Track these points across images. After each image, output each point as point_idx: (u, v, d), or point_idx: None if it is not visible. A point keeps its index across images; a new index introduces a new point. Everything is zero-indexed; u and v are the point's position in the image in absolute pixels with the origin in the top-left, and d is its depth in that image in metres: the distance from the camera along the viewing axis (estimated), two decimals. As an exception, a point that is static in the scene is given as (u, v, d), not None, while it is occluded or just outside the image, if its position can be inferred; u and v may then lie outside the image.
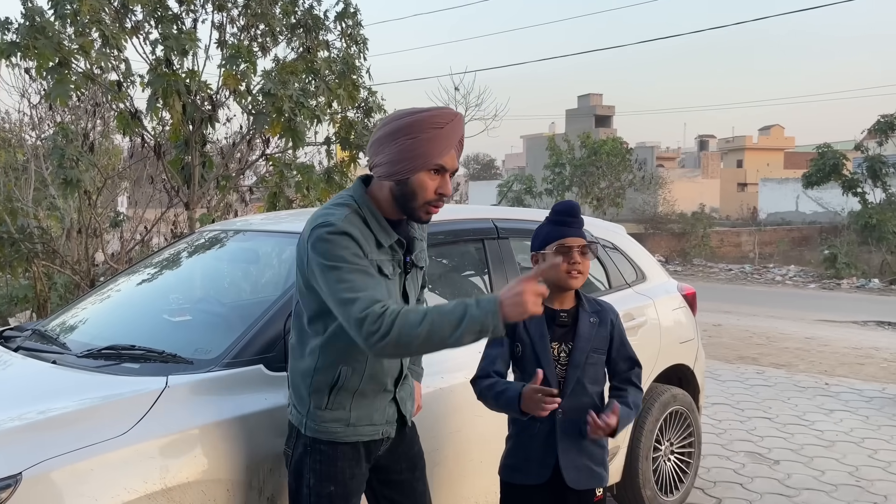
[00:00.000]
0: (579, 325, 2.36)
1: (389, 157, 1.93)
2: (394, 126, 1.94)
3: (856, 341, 9.28)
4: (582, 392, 2.34)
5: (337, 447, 1.99)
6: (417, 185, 1.93)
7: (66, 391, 2.12)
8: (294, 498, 2.04)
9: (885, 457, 4.76)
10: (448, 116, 1.94)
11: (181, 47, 5.40)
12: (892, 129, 17.51)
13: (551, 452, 2.31)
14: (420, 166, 1.91)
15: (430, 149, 1.90)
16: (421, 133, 1.90)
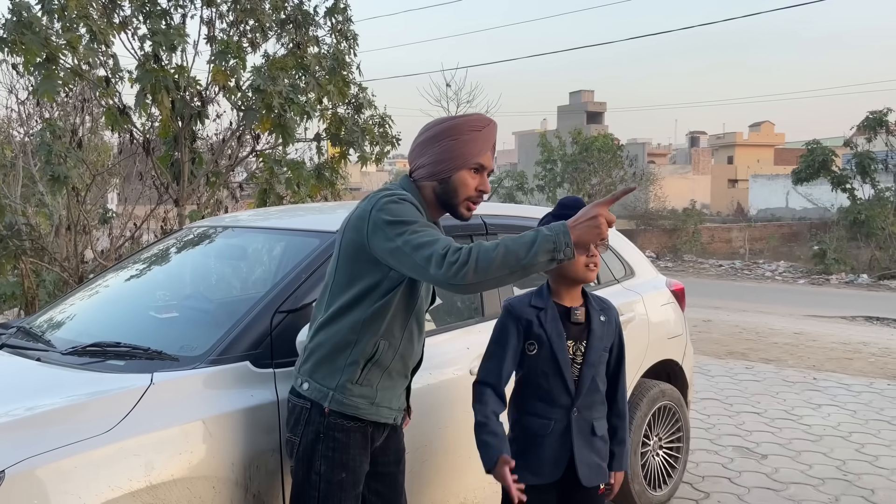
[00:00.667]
0: (592, 323, 2.35)
1: (433, 157, 2.09)
2: (436, 129, 2.11)
3: (844, 336, 9.34)
4: (595, 390, 2.35)
5: (350, 435, 2.05)
6: (459, 182, 2.09)
7: (50, 388, 2.11)
8: (301, 484, 2.05)
9: (873, 451, 4.79)
10: (485, 120, 2.14)
11: (170, 43, 5.37)
12: (881, 126, 17.60)
13: (566, 451, 2.32)
14: (461, 165, 2.08)
15: (471, 149, 2.08)
16: (462, 135, 2.08)
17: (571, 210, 2.33)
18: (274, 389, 2.23)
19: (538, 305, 2.32)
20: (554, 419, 2.31)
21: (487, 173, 2.14)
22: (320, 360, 2.06)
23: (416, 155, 2.13)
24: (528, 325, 2.30)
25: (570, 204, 2.34)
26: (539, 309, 2.31)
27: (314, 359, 2.07)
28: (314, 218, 3.16)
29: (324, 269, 2.48)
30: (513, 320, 2.32)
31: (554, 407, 2.32)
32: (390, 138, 6.80)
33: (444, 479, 2.70)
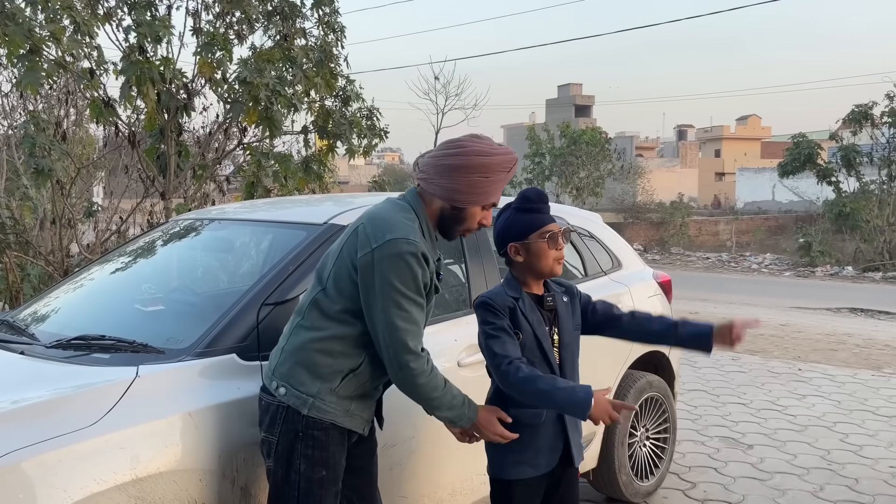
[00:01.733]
0: (558, 307, 2.37)
1: (457, 185, 2.10)
2: (471, 161, 2.09)
3: (829, 328, 9.43)
4: (573, 370, 2.37)
5: (329, 433, 2.05)
6: (469, 215, 2.16)
7: (33, 382, 2.09)
8: (279, 484, 2.04)
9: (857, 440, 4.84)
10: (513, 161, 2.18)
11: (155, 34, 5.32)
12: (866, 119, 17.72)
13: (560, 438, 2.33)
14: (480, 202, 2.14)
15: (494, 189, 2.14)
16: (493, 174, 2.11)
17: (541, 203, 2.33)
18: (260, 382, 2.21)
19: (514, 295, 2.32)
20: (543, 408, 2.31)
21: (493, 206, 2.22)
22: (299, 364, 2.04)
23: (437, 172, 2.11)
24: (513, 314, 2.29)
25: (532, 197, 2.33)
26: (516, 298, 2.32)
27: (291, 362, 2.05)
28: (301, 210, 3.14)
29: (311, 262, 2.48)
30: (498, 311, 2.29)
31: None
32: (378, 131, 6.78)
33: (433, 471, 2.71)
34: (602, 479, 3.68)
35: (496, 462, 2.36)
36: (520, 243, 2.31)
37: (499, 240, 2.38)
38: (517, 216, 2.33)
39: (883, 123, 17.79)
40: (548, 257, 2.29)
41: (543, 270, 2.32)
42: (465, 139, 2.15)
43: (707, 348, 2.33)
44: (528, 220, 2.31)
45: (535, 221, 2.30)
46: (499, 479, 2.36)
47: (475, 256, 3.12)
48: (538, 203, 2.33)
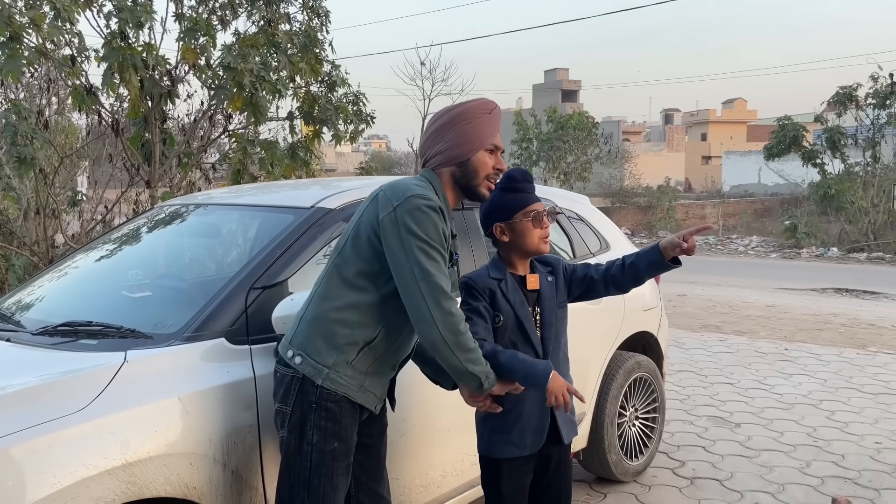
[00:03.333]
0: (541, 286, 2.38)
1: (450, 143, 2.14)
2: (449, 116, 2.17)
3: (814, 308, 9.51)
4: (558, 348, 2.38)
5: (342, 406, 2.06)
6: (478, 163, 2.15)
7: (20, 368, 2.08)
8: (291, 455, 2.06)
9: (842, 417, 4.90)
10: (492, 103, 2.22)
11: (136, 20, 5.25)
12: (851, 101, 17.80)
13: (546, 416, 2.34)
14: (479, 146, 2.15)
15: (485, 130, 2.16)
16: (475, 118, 2.15)
17: (525, 183, 2.35)
18: (250, 365, 2.21)
19: (497, 277, 2.34)
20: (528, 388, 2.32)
21: (501, 152, 2.22)
22: (317, 333, 2.06)
23: (430, 144, 2.18)
24: (493, 296, 2.30)
25: (517, 177, 2.36)
26: (499, 280, 2.34)
27: (309, 331, 2.07)
28: (288, 194, 3.13)
29: (299, 246, 2.47)
30: (477, 292, 2.32)
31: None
32: (364, 116, 6.73)
33: (424, 453, 2.72)
34: (592, 459, 3.71)
35: (485, 440, 2.38)
36: (505, 223, 2.34)
37: (484, 220, 2.41)
38: (502, 196, 2.35)
39: (867, 105, 17.88)
40: (533, 236, 2.31)
41: (529, 249, 2.34)
42: (440, 109, 2.26)
43: (667, 266, 2.31)
44: (513, 200, 2.33)
45: (520, 201, 2.33)
46: (487, 457, 2.38)
47: (463, 239, 3.11)
48: (522, 183, 2.35)
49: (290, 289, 2.39)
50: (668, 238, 2.29)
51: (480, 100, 2.22)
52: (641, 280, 2.37)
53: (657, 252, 2.30)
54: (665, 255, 2.28)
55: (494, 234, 2.37)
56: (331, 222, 2.59)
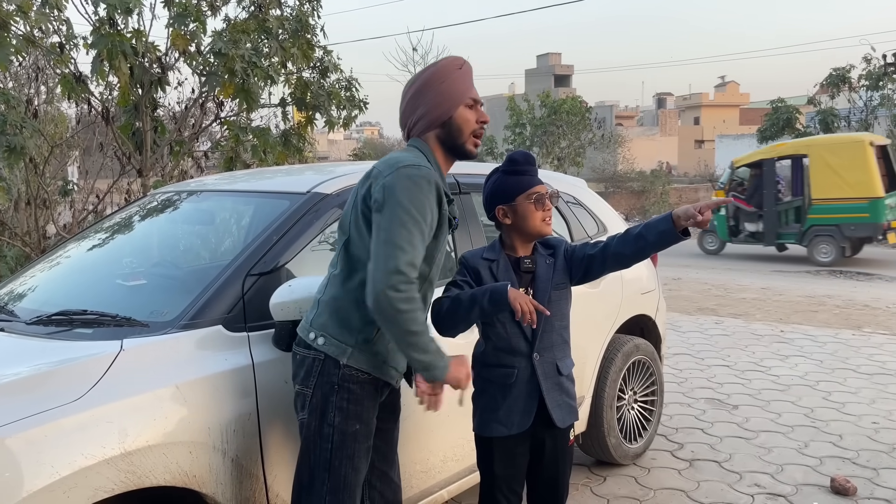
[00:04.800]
0: (537, 267, 2.37)
1: (428, 105, 2.13)
2: (422, 79, 2.15)
3: (809, 290, 9.55)
4: (551, 330, 2.37)
5: (364, 387, 2.06)
6: (461, 120, 2.13)
7: (15, 358, 2.05)
8: (312, 437, 2.04)
9: (839, 398, 4.92)
10: (460, 59, 2.19)
11: (125, 6, 5.16)
12: (844, 82, 17.80)
13: (534, 398, 2.33)
14: (458, 102, 2.12)
15: (460, 86, 2.14)
16: (448, 76, 2.13)
17: (528, 165, 2.34)
18: (248, 353, 2.19)
19: (490, 258, 2.36)
20: (517, 367, 2.33)
21: (480, 105, 2.19)
22: (335, 314, 2.06)
23: (409, 111, 2.16)
24: (477, 275, 2.32)
25: (519, 159, 2.35)
26: (491, 261, 2.35)
27: (328, 312, 2.07)
28: (283, 180, 3.09)
29: (295, 231, 2.44)
30: (466, 270, 2.35)
31: (515, 355, 2.33)
32: (357, 102, 6.68)
33: (424, 437, 2.71)
34: (591, 443, 3.71)
35: (476, 418, 2.42)
36: (507, 205, 2.34)
37: (487, 203, 2.40)
38: (504, 178, 2.35)
39: (860, 87, 17.87)
40: (534, 218, 2.30)
41: (531, 231, 2.33)
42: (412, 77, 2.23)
43: (677, 238, 2.21)
44: (515, 182, 2.33)
45: (522, 183, 2.32)
46: (479, 435, 2.41)
47: (462, 224, 3.09)
48: (525, 165, 2.35)
49: (287, 275, 2.37)
50: (683, 207, 2.18)
51: (449, 58, 2.19)
52: (646, 253, 2.27)
53: (669, 221, 2.18)
54: (677, 225, 2.18)
55: (497, 217, 2.36)
56: (326, 207, 2.56)
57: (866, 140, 11.77)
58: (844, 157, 11.77)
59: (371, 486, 2.22)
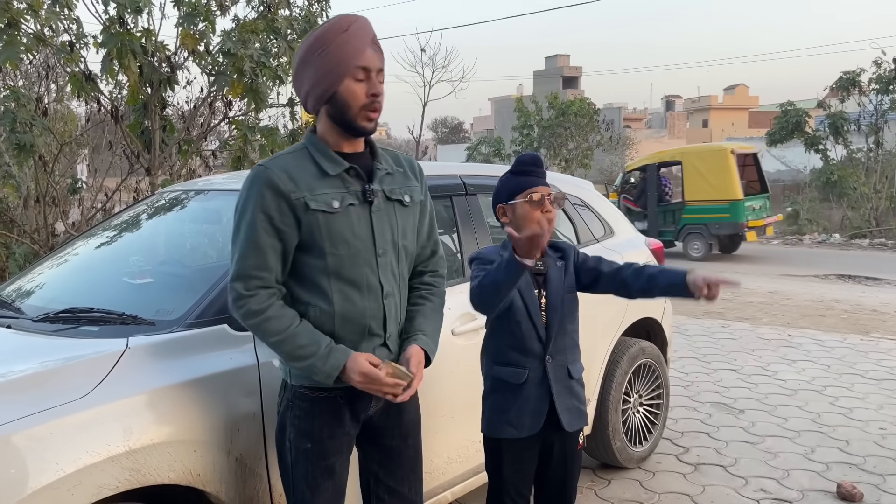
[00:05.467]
0: (549, 270, 2.37)
1: (311, 80, 1.91)
2: (303, 50, 1.92)
3: (817, 294, 9.50)
4: (563, 333, 2.37)
5: (314, 404, 1.96)
6: (347, 93, 1.89)
7: (21, 355, 2.05)
8: (279, 451, 2.04)
9: (846, 403, 4.89)
10: (348, 19, 1.91)
11: (135, 5, 5.19)
12: (854, 86, 17.69)
13: (545, 401, 2.32)
14: (342, 73, 1.88)
15: (344, 53, 1.87)
16: (328, 44, 1.88)
17: (532, 166, 2.34)
18: (254, 352, 2.19)
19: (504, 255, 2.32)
20: (528, 368, 2.32)
21: (377, 73, 1.91)
22: None
23: (297, 87, 1.98)
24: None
25: (528, 160, 2.35)
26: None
27: None
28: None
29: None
30: (486, 260, 2.30)
31: (527, 356, 2.32)
32: (365, 103, 6.68)
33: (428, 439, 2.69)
34: (596, 445, 3.70)
35: (486, 418, 2.39)
36: (507, 205, 2.35)
37: (493, 203, 2.43)
38: (509, 179, 2.38)
39: (871, 91, 17.77)
40: (532, 219, 2.27)
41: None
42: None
43: (685, 295, 2.20)
44: (517, 183, 2.34)
45: (523, 183, 2.32)
46: (488, 436, 2.40)
47: (467, 224, 3.10)
48: (531, 166, 2.36)
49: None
50: (699, 275, 2.15)
51: (334, 19, 1.93)
52: (651, 294, 2.34)
53: (682, 279, 2.19)
54: (687, 286, 2.18)
55: (497, 216, 2.38)
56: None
57: (728, 149, 13.30)
58: (710, 163, 13.34)
59: (379, 499, 2.12)
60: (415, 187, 2.09)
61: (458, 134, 59.88)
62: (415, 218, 2.09)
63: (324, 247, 1.90)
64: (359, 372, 1.86)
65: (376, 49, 1.93)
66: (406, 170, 2.10)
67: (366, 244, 1.94)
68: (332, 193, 1.91)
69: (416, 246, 2.11)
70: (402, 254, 2.03)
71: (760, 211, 13.78)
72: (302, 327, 1.89)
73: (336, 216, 1.90)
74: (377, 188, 1.98)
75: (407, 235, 2.05)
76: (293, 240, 1.90)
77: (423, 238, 2.15)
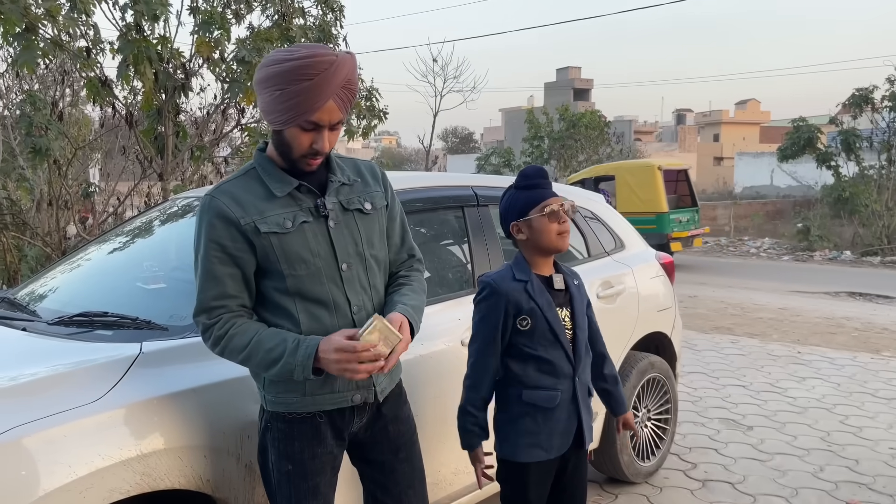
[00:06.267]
0: (570, 288, 2.35)
1: (262, 105, 1.82)
2: (264, 73, 1.78)
3: (828, 311, 9.43)
4: (587, 352, 2.36)
5: (293, 425, 1.90)
6: (291, 138, 1.80)
7: (37, 358, 2.07)
8: (262, 473, 2.01)
9: (856, 422, 4.85)
10: (322, 65, 1.72)
11: (152, 13, 5.25)
12: (867, 103, 17.63)
13: (574, 418, 2.31)
14: (289, 121, 1.76)
15: (299, 103, 1.74)
16: (288, 85, 1.73)
17: (541, 179, 2.30)
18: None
19: (522, 279, 2.27)
20: (560, 389, 2.27)
21: (332, 127, 1.80)
22: None
23: (257, 97, 1.85)
24: (518, 302, 2.24)
25: (531, 174, 2.31)
26: (524, 282, 2.27)
27: None
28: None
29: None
30: (500, 298, 2.25)
31: (559, 377, 2.27)
32: (377, 112, 6.73)
33: (436, 450, 2.70)
34: (604, 460, 3.68)
35: (509, 443, 2.31)
36: (522, 221, 2.29)
37: (503, 221, 2.37)
38: (517, 194, 2.32)
39: (883, 108, 17.70)
40: (550, 232, 2.26)
41: (548, 246, 2.28)
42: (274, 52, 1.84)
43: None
44: (528, 197, 2.29)
45: (535, 197, 2.28)
46: (511, 461, 2.31)
47: (478, 235, 3.10)
48: (537, 179, 2.31)
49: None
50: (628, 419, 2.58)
51: (307, 57, 1.72)
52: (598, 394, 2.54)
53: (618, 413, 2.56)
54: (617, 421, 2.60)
55: (512, 234, 2.34)
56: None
57: (655, 165, 14.08)
58: (640, 178, 14.01)
59: None
60: (376, 193, 2.01)
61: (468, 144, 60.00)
62: (381, 224, 2.00)
63: (281, 269, 1.84)
64: (333, 349, 1.75)
65: (343, 96, 1.79)
66: (367, 177, 2.02)
67: (326, 261, 1.87)
68: (283, 213, 1.85)
69: (386, 253, 2.03)
70: (370, 263, 1.95)
71: (687, 223, 14.44)
72: (266, 333, 1.83)
73: (289, 236, 1.84)
74: (332, 200, 1.90)
75: (374, 244, 1.97)
76: (251, 265, 1.86)
77: (395, 244, 2.07)
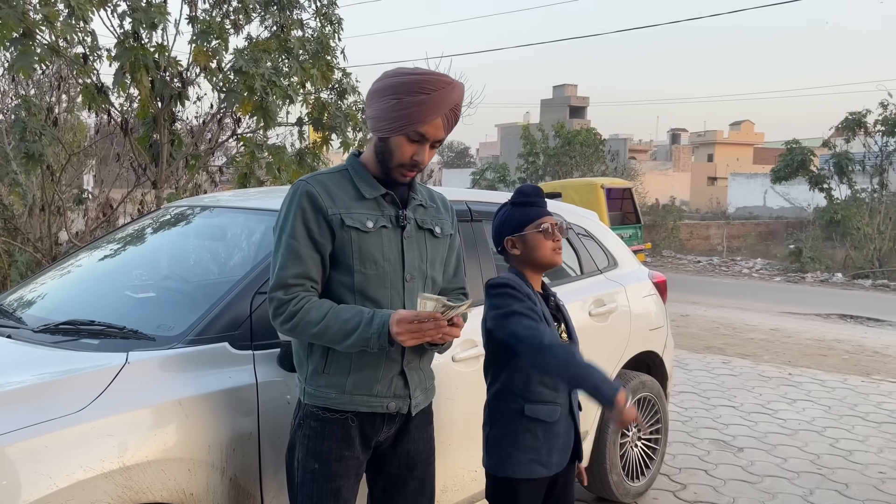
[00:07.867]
0: (559, 304, 2.37)
1: (374, 112, 1.95)
2: (384, 83, 1.94)
3: (819, 333, 9.45)
4: None
5: (325, 424, 1.95)
6: (395, 146, 1.94)
7: (20, 366, 2.04)
8: (287, 470, 2.03)
9: (846, 446, 4.84)
10: (440, 84, 1.90)
11: (150, 21, 5.25)
12: (860, 127, 17.77)
13: (571, 433, 2.31)
14: (398, 129, 1.91)
15: (412, 113, 1.89)
16: (406, 95, 1.89)
17: (535, 197, 2.33)
18: (252, 371, 2.18)
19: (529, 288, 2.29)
20: (559, 403, 2.26)
21: (434, 143, 1.95)
22: (296, 351, 2.04)
23: (367, 104, 2.00)
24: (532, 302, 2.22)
25: (528, 192, 2.35)
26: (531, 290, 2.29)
27: (295, 347, 2.05)
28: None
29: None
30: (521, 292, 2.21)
31: (558, 391, 2.26)
32: (374, 124, 6.72)
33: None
34: (593, 479, 3.66)
35: (504, 459, 2.25)
36: (517, 236, 2.31)
37: (496, 235, 2.38)
38: (513, 210, 2.34)
39: (876, 132, 17.86)
40: (545, 248, 2.28)
41: (543, 261, 2.30)
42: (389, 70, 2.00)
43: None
44: (524, 214, 2.32)
45: (531, 214, 2.31)
46: (505, 477, 2.26)
47: (471, 251, 3.08)
48: (533, 197, 2.35)
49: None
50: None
51: (428, 75, 1.91)
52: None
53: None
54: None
55: (506, 249, 2.34)
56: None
57: (598, 183, 14.47)
58: (584, 195, 14.25)
59: None
60: (446, 220, 2.14)
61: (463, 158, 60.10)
62: (444, 250, 2.12)
63: (352, 264, 1.94)
64: (398, 321, 1.82)
65: (450, 118, 1.95)
66: (439, 205, 2.16)
67: (394, 267, 1.98)
68: (367, 214, 1.96)
69: (442, 279, 2.13)
70: (428, 283, 2.06)
71: (630, 239, 14.62)
72: (342, 306, 1.90)
73: (368, 236, 1.95)
74: (410, 215, 2.03)
75: (435, 266, 2.09)
76: (328, 254, 1.95)
77: (449, 273, 2.17)
